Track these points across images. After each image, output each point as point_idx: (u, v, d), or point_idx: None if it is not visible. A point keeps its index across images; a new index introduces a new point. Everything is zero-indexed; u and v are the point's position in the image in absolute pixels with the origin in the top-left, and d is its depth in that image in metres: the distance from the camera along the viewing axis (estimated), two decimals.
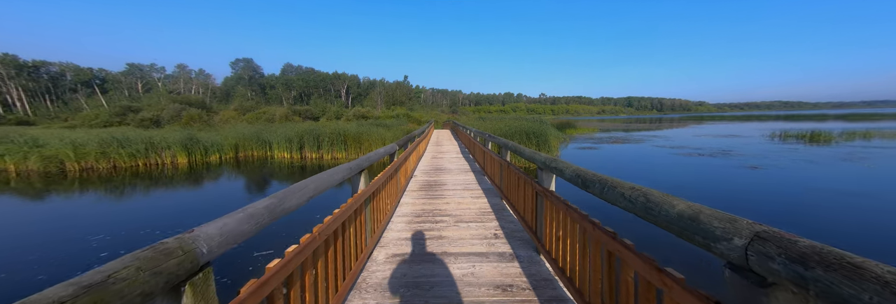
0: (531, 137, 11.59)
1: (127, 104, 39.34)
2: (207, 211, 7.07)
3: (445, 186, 4.81)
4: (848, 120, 45.29)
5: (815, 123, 39.36)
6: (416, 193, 4.38)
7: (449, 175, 5.64)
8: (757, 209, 5.57)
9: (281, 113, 31.67)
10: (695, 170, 9.07)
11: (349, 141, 15.96)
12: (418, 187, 4.69)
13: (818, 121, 45.24)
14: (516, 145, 3.03)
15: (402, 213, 3.46)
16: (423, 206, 3.70)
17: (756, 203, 5.93)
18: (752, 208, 5.68)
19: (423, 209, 3.57)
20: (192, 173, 12.69)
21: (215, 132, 19.87)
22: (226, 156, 16.23)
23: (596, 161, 11.59)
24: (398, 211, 3.54)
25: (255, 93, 56.73)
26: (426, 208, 3.60)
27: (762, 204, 5.86)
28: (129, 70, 62.03)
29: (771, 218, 5.14)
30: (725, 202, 5.97)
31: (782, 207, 5.73)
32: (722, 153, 12.56)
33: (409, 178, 5.09)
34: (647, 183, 6.97)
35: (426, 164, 7.14)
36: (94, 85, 54.60)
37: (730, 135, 22.52)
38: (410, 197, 4.07)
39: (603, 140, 20.44)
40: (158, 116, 32.02)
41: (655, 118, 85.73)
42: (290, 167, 13.57)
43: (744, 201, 6.12)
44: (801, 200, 6.14)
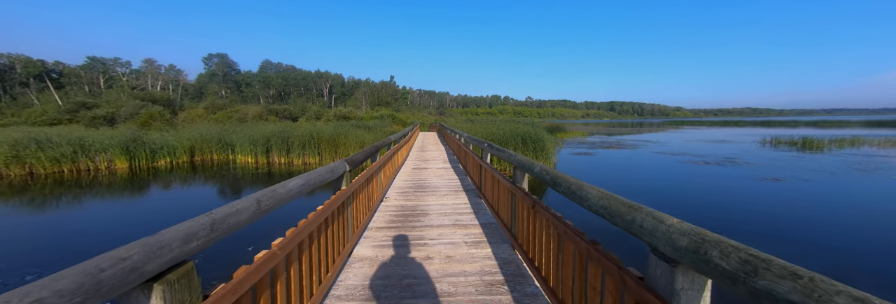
0: (528, 142, 10.32)
1: (82, 100, 35.83)
2: (130, 229, 5.44)
3: (428, 216, 3.37)
4: (819, 127, 46.99)
5: (789, 129, 40.54)
6: (382, 233, 2.91)
7: (433, 197, 4.20)
8: (839, 245, 4.42)
9: (254, 112, 29.31)
10: (715, 184, 8.00)
11: (323, 144, 14.24)
12: (387, 221, 3.22)
13: (791, 127, 46.76)
14: (555, 174, 1.65)
15: (347, 285, 1.99)
16: (391, 267, 2.23)
17: (829, 235, 4.79)
18: (831, 242, 4.53)
19: (388, 273, 2.11)
20: (132, 180, 10.70)
21: (173, 132, 17.64)
22: (178, 160, 14.16)
23: (599, 171, 10.44)
24: (343, 278, 2.06)
25: (229, 91, 53.46)
26: (393, 272, 2.13)
27: (836, 235, 4.73)
28: (90, 64, 57.28)
29: (868, 257, 3.99)
30: (798, 234, 4.81)
31: (857, 235, 4.62)
32: (728, 162, 11.73)
33: (377, 204, 3.62)
34: (678, 204, 5.75)
35: (405, 179, 5.66)
36: (47, 79, 49.87)
37: (721, 141, 22.20)
38: (370, 245, 2.59)
39: (596, 145, 19.55)
40: (113, 114, 28.96)
41: (636, 122, 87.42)
42: (254, 174, 11.75)
43: (814, 231, 4.98)
44: (866, 223, 5.07)
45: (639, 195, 6.77)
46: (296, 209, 4.55)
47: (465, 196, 4.22)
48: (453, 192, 4.48)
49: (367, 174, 3.03)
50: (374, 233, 2.83)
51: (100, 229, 5.79)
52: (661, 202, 6.29)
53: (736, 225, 5.09)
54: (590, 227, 4.29)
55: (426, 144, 13.33)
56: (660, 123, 71.52)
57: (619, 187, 7.55)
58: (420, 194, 4.34)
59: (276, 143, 13.96)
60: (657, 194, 6.97)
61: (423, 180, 5.42)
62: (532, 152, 10.15)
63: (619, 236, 4.21)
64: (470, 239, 2.67)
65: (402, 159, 7.17)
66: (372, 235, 2.78)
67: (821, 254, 4.06)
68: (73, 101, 35.56)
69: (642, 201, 1.10)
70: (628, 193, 6.40)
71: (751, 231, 4.83)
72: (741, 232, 4.78)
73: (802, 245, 4.33)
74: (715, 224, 5.04)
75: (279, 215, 3.11)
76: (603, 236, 3.20)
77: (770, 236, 4.67)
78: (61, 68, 57.91)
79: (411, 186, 4.94)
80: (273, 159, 14.23)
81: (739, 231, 4.81)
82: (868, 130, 32.81)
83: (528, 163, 2.04)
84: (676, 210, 5.75)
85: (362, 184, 2.87)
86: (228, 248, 4.43)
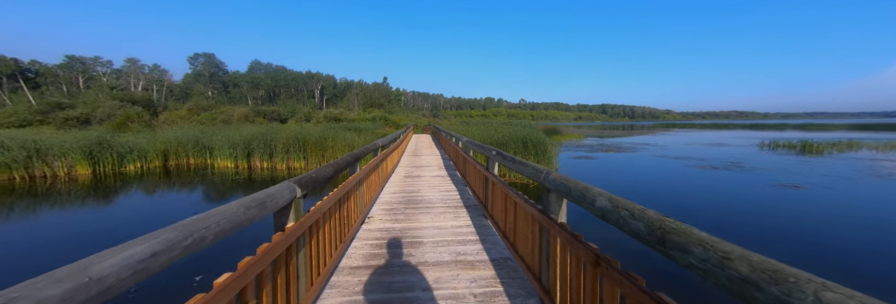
0: (529, 145, 9.62)
1: (56, 101, 34.00)
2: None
3: (421, 245, 2.58)
4: (806, 130, 47.73)
5: (778, 132, 40.94)
6: (356, 277, 2.11)
7: (428, 217, 3.41)
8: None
9: (240, 113, 28.08)
10: (736, 192, 7.39)
11: (310, 147, 13.32)
12: (365, 257, 2.41)
13: (780, 130, 47.38)
14: (654, 218, 0.89)
15: None
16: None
17: (881, 255, 4.15)
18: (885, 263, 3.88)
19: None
20: (95, 187, 9.65)
21: (147, 135, 16.47)
22: (150, 165, 13.07)
23: (607, 177, 9.79)
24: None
25: (216, 91, 51.82)
26: None
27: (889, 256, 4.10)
28: (69, 63, 54.94)
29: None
30: (848, 255, 4.15)
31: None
32: (736, 166, 11.23)
33: (356, 229, 2.82)
34: (711, 218, 5.03)
35: (395, 190, 4.87)
36: (20, 78, 47.57)
37: (719, 144, 21.93)
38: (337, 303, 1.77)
39: (595, 148, 19.02)
40: (88, 115, 27.38)
41: (628, 125, 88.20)
42: (233, 180, 10.80)
43: (863, 250, 4.34)
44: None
45: (663, 208, 6.09)
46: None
47: (467, 214, 3.44)
48: (452, 208, 3.70)
49: (339, 194, 2.23)
50: (345, 278, 2.03)
51: (33, 246, 4.84)
52: (690, 215, 5.62)
53: (780, 244, 4.42)
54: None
55: (419, 147, 12.54)
56: (651, 126, 72.19)
57: (637, 196, 6.88)
58: (411, 213, 3.54)
59: (258, 146, 12.99)
60: (682, 206, 6.31)
61: (415, 191, 4.63)
62: (534, 156, 9.45)
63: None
64: (480, 289, 1.89)
65: (393, 165, 6.36)
66: (341, 282, 1.98)
67: (889, 280, 3.40)
68: (47, 101, 33.73)
69: (670, 215, 0.89)
70: (651, 205, 5.73)
71: (801, 252, 4.17)
72: (791, 254, 4.11)
73: (860, 269, 3.68)
74: (761, 245, 4.37)
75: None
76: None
77: (823, 258, 4.02)
78: (38, 67, 55.43)
79: (401, 199, 4.14)
80: (255, 164, 13.25)
81: (789, 252, 4.14)
82: (856, 134, 33.22)
83: (578, 188, 1.28)
84: (713, 227, 5.08)
85: (331, 209, 2.08)
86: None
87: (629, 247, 3.94)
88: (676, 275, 3.51)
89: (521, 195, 2.06)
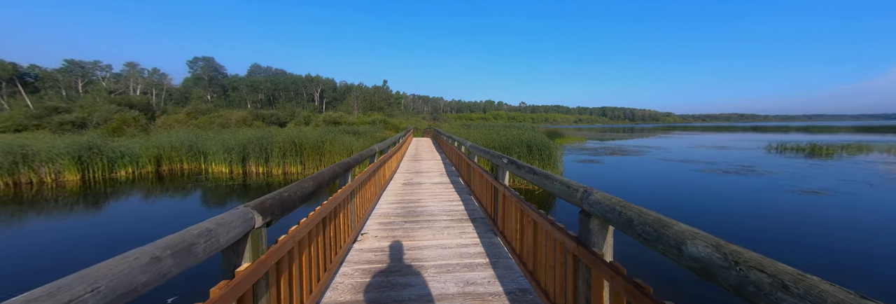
0: (533, 149, 9.24)
1: (53, 105, 33.75)
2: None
3: (422, 272, 2.19)
4: (810, 132, 47.39)
5: (781, 134, 40.63)
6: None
7: (429, 232, 3.02)
8: None
9: (238, 117, 27.78)
10: (753, 198, 6.99)
11: (306, 152, 12.95)
12: (354, 289, 2.03)
13: (783, 132, 47.06)
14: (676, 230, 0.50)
15: None
16: None
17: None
18: None
19: None
20: (83, 194, 9.29)
21: (141, 139, 16.13)
22: (142, 170, 12.69)
23: (614, 182, 9.40)
24: None
25: (216, 95, 51.65)
26: None
27: None
28: (68, 67, 54.88)
29: None
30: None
31: None
32: (747, 170, 10.83)
33: (346, 250, 2.44)
34: (735, 227, 4.65)
35: (393, 200, 4.50)
36: (18, 83, 47.46)
37: (724, 147, 21.55)
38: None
39: (598, 151, 18.65)
40: (84, 120, 27.06)
41: (628, 127, 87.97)
42: (227, 186, 10.45)
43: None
44: None
45: (682, 217, 5.69)
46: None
47: (474, 230, 3.06)
48: (457, 222, 3.31)
49: (324, 212, 1.86)
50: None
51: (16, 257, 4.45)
52: (714, 225, 5.22)
53: (815, 254, 4.02)
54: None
55: (420, 152, 12.16)
56: (652, 129, 71.83)
57: (650, 203, 6.50)
58: (411, 227, 3.15)
59: (253, 150, 12.62)
60: (702, 214, 5.91)
61: (415, 201, 4.24)
62: (539, 160, 9.07)
63: None
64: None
65: (391, 171, 5.98)
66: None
67: None
68: (44, 105, 33.49)
69: (693, 224, 0.80)
70: (670, 213, 5.34)
71: (842, 262, 3.77)
72: (831, 263, 3.71)
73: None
74: (796, 255, 3.97)
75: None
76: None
77: (866, 269, 3.61)
78: (37, 72, 55.37)
79: (400, 211, 3.76)
80: (250, 169, 12.87)
81: (828, 262, 3.74)
82: (861, 136, 32.85)
83: (647, 220, 0.90)
84: (741, 237, 4.67)
85: (312, 233, 1.70)
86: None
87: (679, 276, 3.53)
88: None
89: (543, 214, 1.69)
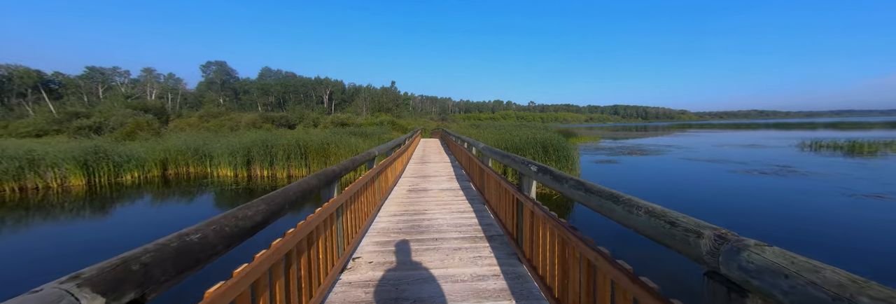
0: (549, 150, 8.57)
1: (74, 110, 34.82)
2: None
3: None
4: (839, 128, 44.92)
5: (809, 131, 38.70)
6: None
7: (437, 256, 2.46)
8: None
9: (247, 120, 27.90)
10: (803, 203, 6.15)
11: (312, 154, 12.59)
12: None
13: (810, 129, 44.86)
14: None
15: None
16: None
17: None
18: None
19: None
20: (88, 199, 9.15)
21: (151, 143, 16.14)
22: (148, 174, 12.56)
23: (640, 185, 8.63)
24: None
25: (228, 98, 52.51)
26: None
27: None
28: (89, 74, 56.84)
29: None
30: None
31: None
32: (786, 171, 9.87)
33: (330, 283, 1.88)
34: (787, 234, 3.88)
35: (395, 211, 3.95)
36: (42, 89, 49.33)
37: (752, 145, 20.25)
38: None
39: (615, 151, 17.73)
40: (100, 124, 27.66)
41: (641, 126, 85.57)
42: (232, 189, 10.19)
43: None
44: None
45: (728, 224, 4.96)
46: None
47: (491, 253, 2.47)
48: (469, 241, 2.73)
49: (293, 241, 1.32)
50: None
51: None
52: (770, 234, 4.48)
53: None
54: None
55: (427, 153, 11.63)
56: (667, 127, 69.51)
57: (689, 209, 5.76)
58: (415, 248, 2.59)
59: (258, 153, 12.33)
60: (751, 221, 5.15)
61: (421, 213, 3.68)
62: (555, 162, 8.39)
63: None
64: None
65: (395, 177, 5.44)
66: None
67: None
68: (66, 111, 34.59)
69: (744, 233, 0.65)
70: (715, 220, 4.64)
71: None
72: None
73: None
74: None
75: None
76: None
77: None
78: (61, 79, 57.54)
79: (402, 226, 3.20)
80: (254, 172, 12.58)
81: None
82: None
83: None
84: (809, 249, 3.94)
85: (267, 278, 1.15)
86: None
87: None
88: None
89: (607, 255, 1.09)
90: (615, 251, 1.12)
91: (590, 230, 1.59)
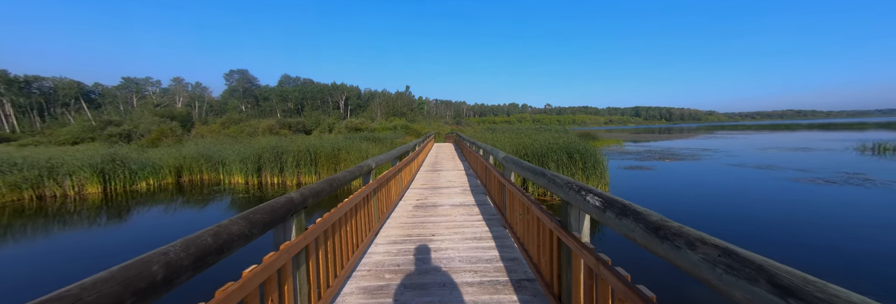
0: (575, 157, 7.66)
1: (108, 119, 36.85)
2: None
3: None
4: (894, 129, 40.77)
5: (859, 132, 35.45)
6: None
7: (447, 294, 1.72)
8: None
9: (264, 126, 28.34)
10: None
11: (321, 160, 12.21)
12: None
13: (858, 130, 41.07)
14: None
15: None
16: None
17: None
18: None
19: None
20: (104, 207, 9.11)
21: (169, 150, 16.41)
22: (163, 181, 12.57)
23: (680, 197, 7.55)
24: None
25: (249, 105, 54.29)
26: None
27: None
28: (124, 84, 60.52)
29: None
30: None
31: None
32: (860, 179, 8.45)
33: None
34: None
35: (395, 239, 3.27)
36: (81, 99, 52.83)
37: (802, 148, 18.27)
38: None
39: (644, 156, 16.39)
40: (129, 131, 28.92)
41: (665, 128, 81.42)
42: (245, 196, 9.99)
43: None
44: None
45: (825, 255, 3.95)
46: None
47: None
48: (488, 292, 1.99)
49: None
50: None
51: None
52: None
53: None
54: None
55: (440, 160, 10.94)
56: (694, 129, 65.61)
57: (752, 234, 4.72)
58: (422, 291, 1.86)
59: (268, 160, 12.07)
60: (845, 248, 4.11)
61: (427, 239, 2.96)
62: (582, 170, 7.47)
63: None
64: None
65: (400, 190, 4.77)
66: None
67: None
68: (101, 119, 36.65)
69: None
70: (796, 251, 3.63)
71: None
72: None
73: None
74: None
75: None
76: None
77: None
78: (101, 89, 61.61)
79: (402, 261, 2.49)
80: (265, 179, 12.33)
81: None
82: None
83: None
84: None
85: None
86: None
87: None
88: None
89: None
90: None
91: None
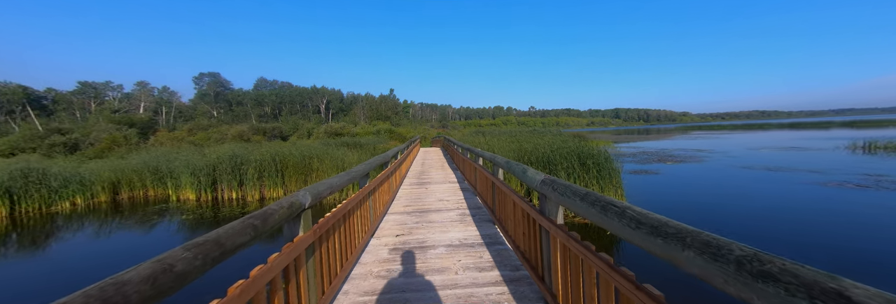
0: (588, 164, 6.45)
1: (56, 126, 33.18)
2: None
3: None
4: (857, 127, 43.03)
5: (824, 131, 37.36)
6: None
7: None
8: None
9: (234, 132, 25.97)
10: None
11: (289, 171, 10.54)
12: None
13: (824, 129, 43.23)
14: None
15: None
16: None
17: None
18: None
19: None
20: (11, 234, 7.14)
21: (115, 161, 14.19)
22: (95, 199, 10.51)
23: (714, 208, 6.48)
24: None
25: (222, 110, 51.01)
26: None
27: None
28: (81, 89, 55.67)
29: None
30: None
31: None
32: (889, 181, 7.72)
33: None
34: None
35: (366, 288, 1.73)
36: (27, 105, 48.00)
37: (795, 148, 18.08)
38: None
39: (641, 158, 15.60)
40: (76, 140, 25.81)
41: (644, 129, 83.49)
42: (194, 216, 8.17)
43: None
44: None
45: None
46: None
47: None
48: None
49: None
50: None
51: None
52: None
53: None
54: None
55: (427, 168, 9.53)
56: (671, 129, 67.24)
57: (828, 258, 3.61)
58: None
59: (225, 172, 10.28)
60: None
61: (412, 290, 1.55)
62: (597, 181, 6.27)
63: None
64: None
65: (372, 223, 3.33)
66: None
67: None
68: (48, 127, 32.95)
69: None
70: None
71: None
72: None
73: None
74: None
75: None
76: None
77: None
78: (53, 95, 56.42)
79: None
80: (222, 194, 10.49)
81: None
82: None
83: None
84: None
85: None
86: None
87: None
88: None
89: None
90: None
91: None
